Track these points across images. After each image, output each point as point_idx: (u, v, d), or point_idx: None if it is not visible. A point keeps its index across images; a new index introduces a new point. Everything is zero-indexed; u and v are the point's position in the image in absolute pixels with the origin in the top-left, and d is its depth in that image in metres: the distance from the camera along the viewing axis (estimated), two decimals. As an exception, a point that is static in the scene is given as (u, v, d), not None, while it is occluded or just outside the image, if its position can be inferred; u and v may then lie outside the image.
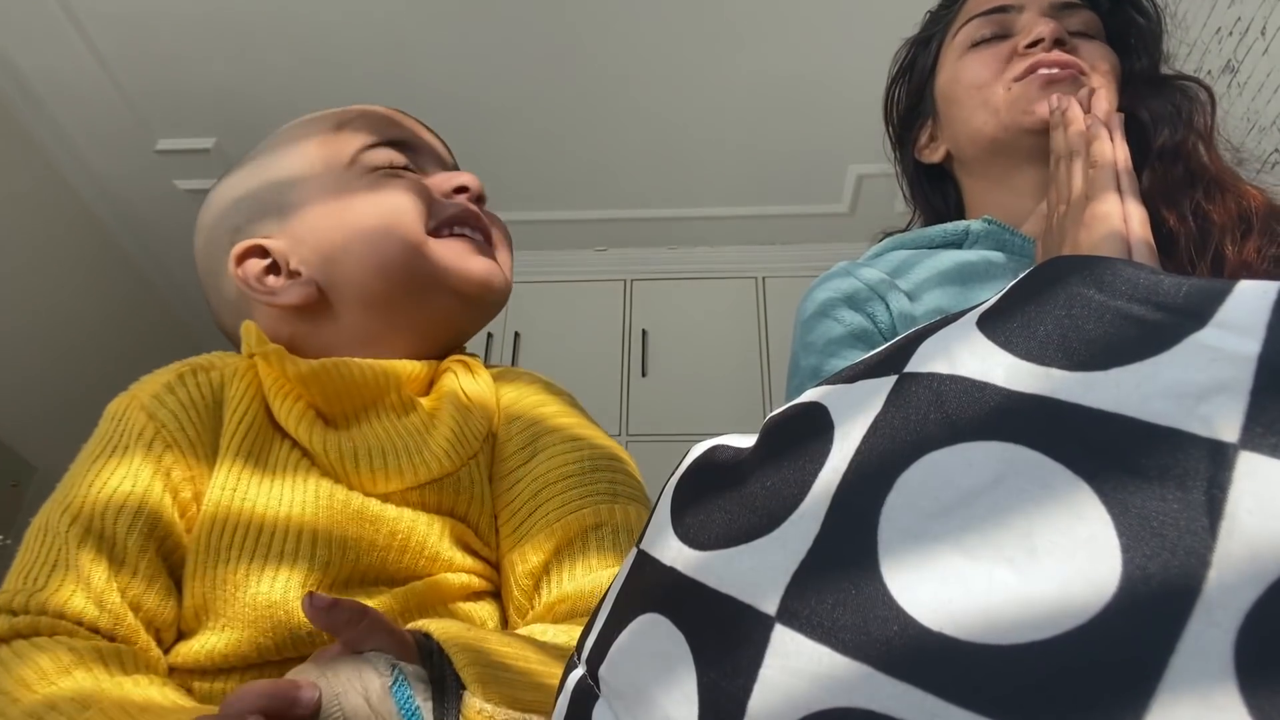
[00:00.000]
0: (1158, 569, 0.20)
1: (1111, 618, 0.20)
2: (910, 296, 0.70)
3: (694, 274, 2.88)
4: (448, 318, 0.70)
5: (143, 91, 2.31)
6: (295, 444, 0.61)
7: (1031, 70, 0.70)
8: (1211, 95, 0.71)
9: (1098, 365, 0.24)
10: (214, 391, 0.62)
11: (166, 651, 0.55)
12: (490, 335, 2.74)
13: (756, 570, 0.27)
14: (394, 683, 0.40)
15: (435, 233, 0.67)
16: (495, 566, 0.64)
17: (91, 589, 0.51)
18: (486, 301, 0.70)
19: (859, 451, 0.27)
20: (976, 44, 0.76)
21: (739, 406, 2.58)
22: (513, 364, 2.69)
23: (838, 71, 2.22)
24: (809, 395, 0.32)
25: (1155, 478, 0.21)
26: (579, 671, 0.35)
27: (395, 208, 0.66)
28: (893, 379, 0.29)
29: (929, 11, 0.86)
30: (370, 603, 0.51)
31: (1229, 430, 0.21)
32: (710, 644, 0.27)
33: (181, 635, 0.56)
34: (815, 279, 0.77)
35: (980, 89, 0.74)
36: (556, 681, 0.42)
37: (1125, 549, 0.21)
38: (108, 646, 0.50)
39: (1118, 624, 0.20)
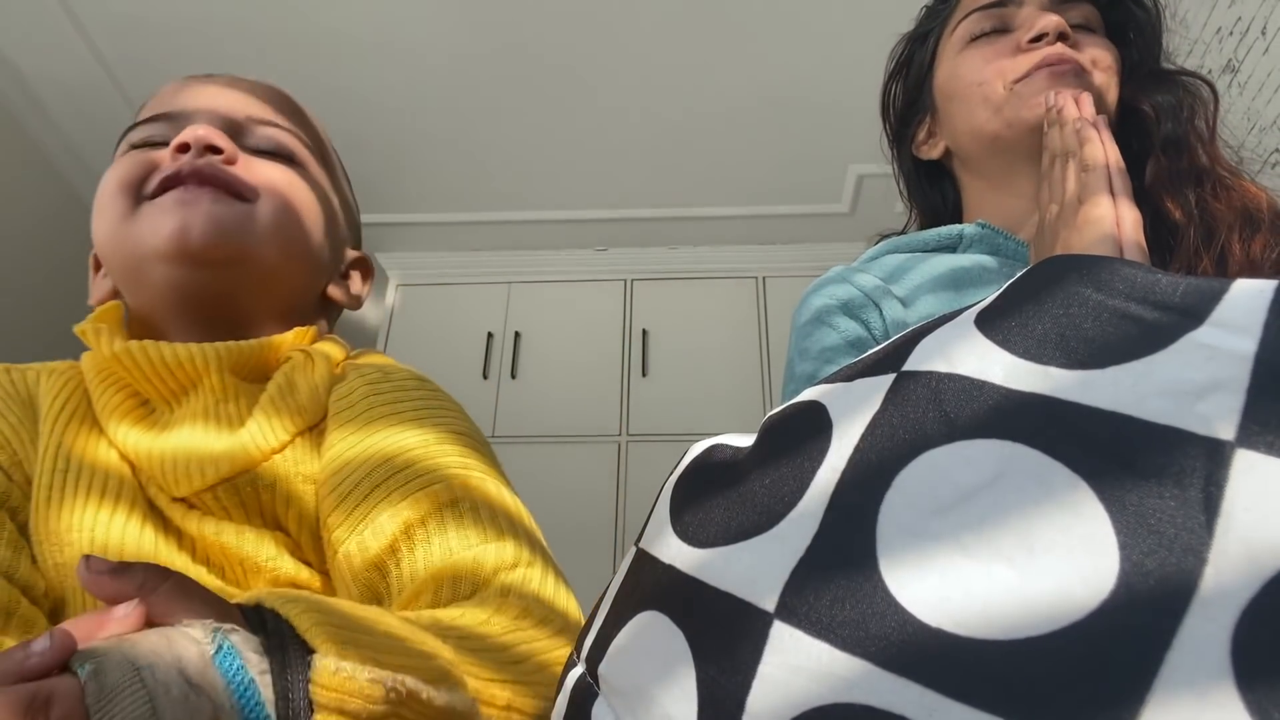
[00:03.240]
0: (1155, 566, 0.20)
1: (1109, 614, 0.20)
2: (904, 303, 0.70)
3: (694, 274, 2.87)
4: (180, 287, 0.61)
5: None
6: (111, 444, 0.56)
7: (1034, 69, 0.70)
8: (1214, 91, 0.71)
9: (1096, 364, 0.24)
10: (27, 387, 0.60)
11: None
12: (490, 335, 2.74)
13: (755, 568, 0.27)
14: (216, 652, 0.30)
15: (151, 197, 0.63)
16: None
17: None
18: (189, 257, 0.61)
19: (857, 450, 0.27)
20: (976, 38, 0.75)
21: (739, 406, 2.58)
22: (513, 364, 2.69)
23: (838, 71, 2.22)
24: (807, 394, 0.32)
25: (1153, 475, 0.21)
26: (578, 670, 0.35)
27: (104, 191, 0.64)
28: (891, 377, 0.29)
29: (925, 6, 0.85)
30: None
31: (1226, 428, 0.21)
32: (709, 641, 0.27)
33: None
34: (813, 280, 0.77)
35: (981, 85, 0.73)
36: (430, 648, 0.36)
37: (1123, 546, 0.21)
38: None
39: (1115, 620, 0.20)
